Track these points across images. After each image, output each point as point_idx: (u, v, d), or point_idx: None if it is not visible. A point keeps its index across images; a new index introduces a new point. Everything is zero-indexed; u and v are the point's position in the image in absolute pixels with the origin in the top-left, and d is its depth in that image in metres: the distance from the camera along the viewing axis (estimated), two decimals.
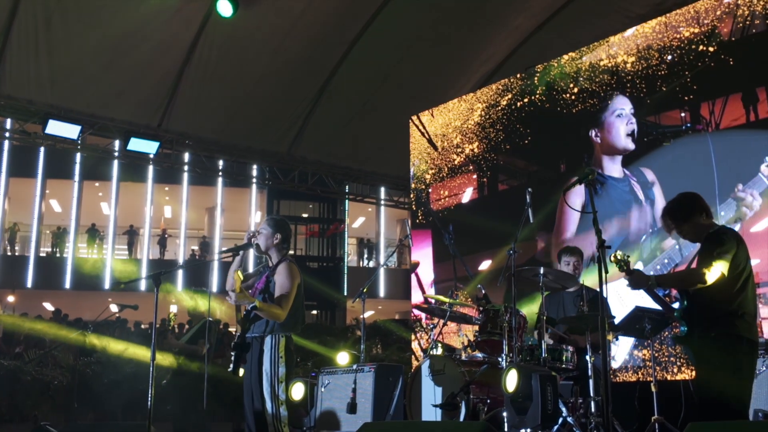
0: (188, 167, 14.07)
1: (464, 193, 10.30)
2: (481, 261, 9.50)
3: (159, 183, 24.00)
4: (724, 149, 7.23)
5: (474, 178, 10.20)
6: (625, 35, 8.52)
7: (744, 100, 7.25)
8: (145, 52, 10.70)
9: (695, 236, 4.42)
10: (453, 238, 7.59)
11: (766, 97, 7.07)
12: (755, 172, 6.90)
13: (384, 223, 26.31)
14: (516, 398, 5.18)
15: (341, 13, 10.68)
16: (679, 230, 4.44)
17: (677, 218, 4.39)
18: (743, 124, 7.22)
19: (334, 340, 13.72)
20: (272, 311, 4.90)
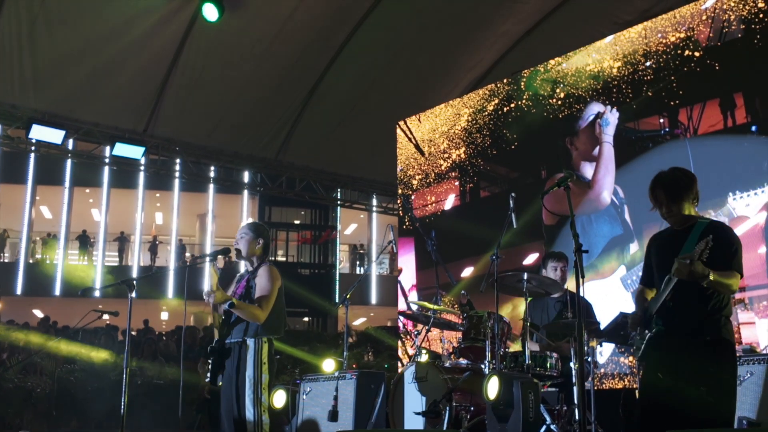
0: (178, 173, 13.99)
1: (446, 200, 10.27)
2: (463, 268, 9.46)
3: (150, 189, 23.92)
4: (703, 155, 7.22)
5: (456, 185, 10.16)
6: (611, 41, 8.49)
7: (722, 105, 7.25)
8: (130, 56, 10.64)
9: (679, 221, 3.92)
10: (436, 244, 7.55)
11: (743, 103, 7.08)
12: (734, 177, 6.90)
13: (376, 229, 26.27)
14: (497, 405, 5.12)
15: (328, 18, 10.64)
16: (668, 210, 3.90)
17: (673, 196, 3.88)
18: (720, 130, 7.22)
19: (325, 347, 13.65)
20: (251, 311, 4.82)
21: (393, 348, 14.02)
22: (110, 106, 11.39)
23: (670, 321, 3.78)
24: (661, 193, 3.90)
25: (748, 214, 6.77)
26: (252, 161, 13.27)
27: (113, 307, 8.85)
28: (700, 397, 3.56)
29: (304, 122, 12.49)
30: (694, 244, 3.71)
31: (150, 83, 11.17)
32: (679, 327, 3.76)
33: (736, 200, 6.84)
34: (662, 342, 3.78)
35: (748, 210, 6.76)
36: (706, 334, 3.72)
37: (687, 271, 3.57)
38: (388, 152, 11.67)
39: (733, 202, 6.85)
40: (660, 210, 3.93)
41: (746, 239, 6.65)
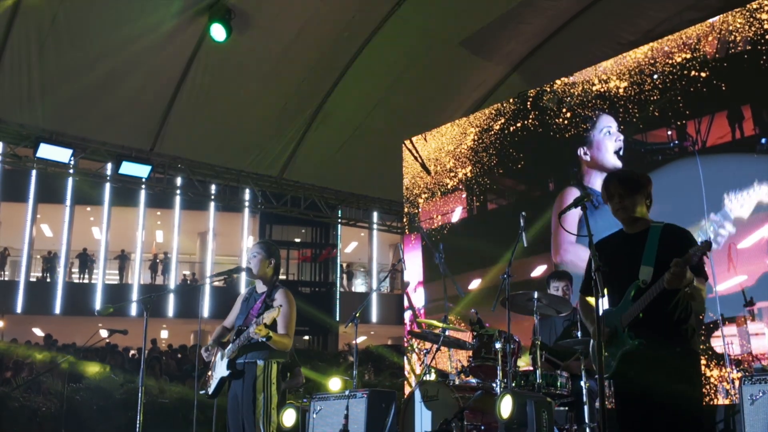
0: (180, 191, 14.01)
1: (453, 212, 10.31)
2: (471, 280, 9.48)
3: (151, 207, 23.96)
4: (712, 169, 7.26)
5: (463, 198, 10.21)
6: (617, 61, 8.57)
7: (729, 118, 7.31)
8: (138, 76, 10.69)
9: (629, 216, 3.74)
10: (443, 257, 7.57)
11: (751, 115, 7.13)
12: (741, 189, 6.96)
13: (376, 247, 26.28)
14: (511, 425, 5.11)
15: (334, 38, 10.72)
16: (620, 202, 3.71)
17: (629, 188, 3.71)
18: (729, 142, 7.27)
19: (326, 366, 13.64)
20: (283, 342, 4.95)
21: (394, 366, 14.01)
22: (117, 125, 11.42)
23: (643, 333, 3.58)
24: (615, 185, 3.74)
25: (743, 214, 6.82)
26: (257, 180, 13.30)
27: (115, 325, 8.84)
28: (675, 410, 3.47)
29: (310, 141, 12.54)
30: (655, 246, 3.58)
31: (157, 102, 11.22)
32: (650, 338, 3.56)
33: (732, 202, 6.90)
34: (636, 356, 3.58)
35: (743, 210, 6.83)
36: (676, 345, 3.57)
37: (683, 276, 3.38)
38: (393, 171, 11.72)
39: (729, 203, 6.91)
40: (611, 203, 3.76)
41: (753, 252, 6.71)
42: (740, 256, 6.81)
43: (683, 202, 7.03)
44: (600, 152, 8.39)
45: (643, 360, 3.55)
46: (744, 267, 6.75)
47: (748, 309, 6.58)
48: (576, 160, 8.62)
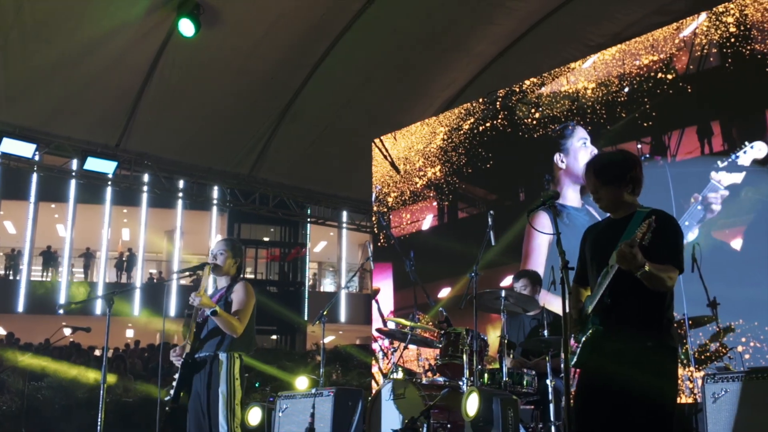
0: (147, 188, 13.85)
1: (424, 220, 10.31)
2: (441, 288, 9.49)
3: (117, 205, 23.64)
4: (682, 182, 7.35)
5: (434, 206, 10.22)
6: (585, 63, 8.65)
7: (699, 132, 7.40)
8: (104, 70, 10.53)
9: (609, 207, 3.62)
10: (414, 264, 7.57)
11: (720, 131, 7.22)
12: None
13: (346, 247, 26.22)
14: (477, 422, 5.12)
15: (304, 35, 10.66)
16: (596, 193, 3.61)
17: (602, 179, 3.56)
18: (698, 157, 7.36)
19: (294, 365, 13.56)
20: (231, 321, 4.84)
21: (362, 365, 13.98)
22: (83, 121, 11.25)
23: (608, 320, 3.40)
24: (590, 175, 3.61)
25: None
26: (226, 177, 13.19)
27: (79, 323, 8.69)
28: (641, 406, 3.27)
29: (279, 139, 12.47)
30: (633, 232, 3.35)
31: (124, 98, 11.06)
32: (617, 328, 3.37)
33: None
34: (600, 344, 3.40)
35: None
36: (647, 339, 3.35)
37: (630, 256, 3.19)
38: (363, 169, 11.71)
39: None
40: (592, 194, 3.66)
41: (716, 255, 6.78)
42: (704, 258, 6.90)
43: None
44: (576, 161, 8.45)
45: (608, 351, 3.37)
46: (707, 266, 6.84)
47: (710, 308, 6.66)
48: (549, 164, 8.66)
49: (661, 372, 3.34)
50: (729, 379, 5.05)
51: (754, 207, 6.84)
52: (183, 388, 4.87)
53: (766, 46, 6.95)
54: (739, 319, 6.66)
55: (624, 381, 3.28)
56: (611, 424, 3.35)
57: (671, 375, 3.41)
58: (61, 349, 13.70)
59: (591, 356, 3.44)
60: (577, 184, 8.28)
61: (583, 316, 3.54)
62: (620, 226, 3.50)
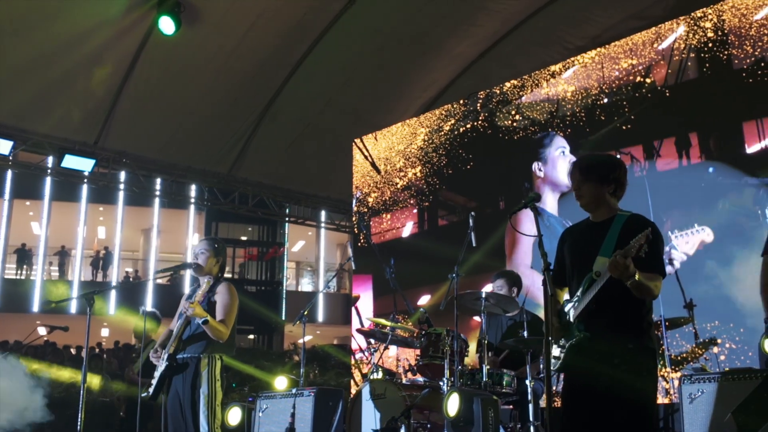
0: (124, 186, 13.75)
1: (404, 227, 10.34)
2: (420, 295, 9.51)
3: (93, 203, 23.39)
4: (660, 193, 7.43)
5: (414, 213, 10.26)
6: (566, 65, 8.72)
7: (677, 144, 7.49)
8: (83, 67, 10.44)
9: (590, 205, 3.62)
10: (394, 272, 7.60)
11: (698, 142, 7.31)
12: (688, 217, 7.13)
13: (324, 246, 26.18)
14: (457, 423, 5.15)
15: (285, 35, 10.64)
16: (577, 189, 3.62)
17: (584, 174, 3.58)
18: (676, 168, 7.46)
19: (271, 365, 13.51)
20: (219, 328, 4.87)
21: (340, 365, 13.97)
22: (61, 117, 11.14)
23: (592, 325, 3.45)
24: (575, 170, 3.63)
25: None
26: (205, 176, 13.13)
27: (54, 322, 8.62)
28: (623, 406, 3.32)
29: (259, 138, 12.44)
30: (616, 237, 3.41)
31: (102, 95, 10.97)
32: (601, 332, 3.41)
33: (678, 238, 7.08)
34: (585, 348, 3.45)
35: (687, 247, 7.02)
36: (628, 342, 3.40)
37: (623, 267, 3.20)
38: (342, 169, 11.70)
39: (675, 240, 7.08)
40: (575, 192, 3.66)
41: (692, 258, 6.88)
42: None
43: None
44: (555, 170, 8.50)
45: (593, 354, 3.41)
46: (684, 268, 6.94)
47: (687, 310, 6.75)
48: (527, 170, 8.72)
49: (642, 373, 3.39)
50: (705, 380, 5.12)
51: (729, 211, 6.95)
52: (162, 386, 4.89)
53: (743, 51, 7.06)
54: (715, 320, 6.76)
55: (606, 381, 3.33)
56: (595, 423, 3.40)
57: (652, 376, 3.46)
58: (36, 348, 13.54)
59: (575, 359, 3.48)
60: (555, 193, 8.33)
61: (564, 321, 3.57)
62: (601, 230, 3.53)
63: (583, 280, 3.51)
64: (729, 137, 7.11)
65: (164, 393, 4.93)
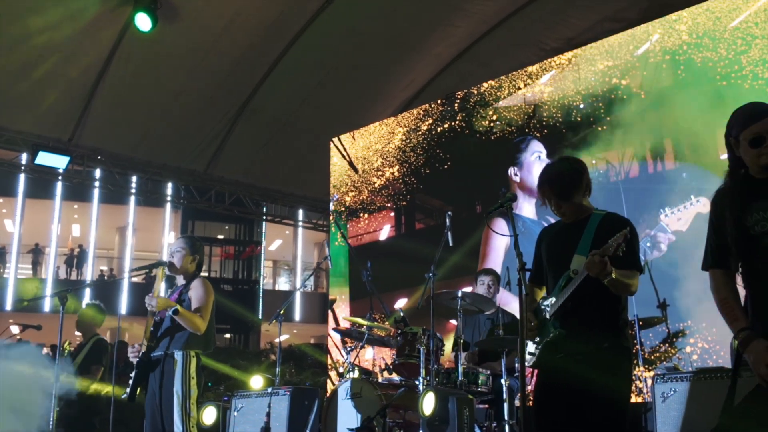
0: (99, 184, 13.63)
1: (381, 230, 10.34)
2: (397, 298, 9.51)
3: (67, 200, 23.17)
4: (634, 198, 7.49)
5: (392, 216, 10.27)
6: (543, 66, 8.77)
7: (652, 148, 7.56)
8: (58, 63, 10.33)
9: (573, 216, 3.62)
10: (371, 275, 7.59)
11: (672, 147, 7.39)
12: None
13: (301, 245, 26.13)
14: (432, 421, 5.16)
15: (263, 33, 10.60)
16: (557, 207, 3.61)
17: (563, 197, 3.57)
18: (651, 173, 7.52)
19: (247, 364, 13.45)
20: (194, 319, 4.79)
21: (317, 365, 13.95)
22: (35, 114, 11.02)
23: (568, 323, 3.48)
24: (547, 190, 3.59)
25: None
26: (181, 174, 13.04)
27: (27, 321, 8.53)
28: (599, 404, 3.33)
29: (236, 136, 12.38)
30: (592, 235, 3.46)
31: (78, 91, 10.86)
32: (577, 330, 3.44)
33: (668, 216, 7.13)
34: (560, 346, 3.48)
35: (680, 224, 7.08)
36: (604, 340, 3.41)
37: (602, 266, 3.24)
38: (320, 168, 11.69)
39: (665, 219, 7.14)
40: (549, 206, 3.64)
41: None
42: (655, 260, 7.07)
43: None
44: (530, 175, 8.52)
45: (568, 352, 3.44)
46: (657, 268, 7.00)
47: (660, 310, 6.82)
48: (503, 174, 8.76)
49: (618, 371, 3.42)
50: (678, 379, 5.16)
51: (701, 216, 7.03)
52: (138, 386, 4.82)
53: (717, 54, 7.14)
54: (688, 320, 6.83)
55: (581, 379, 3.34)
56: (569, 421, 3.41)
57: (626, 374, 3.49)
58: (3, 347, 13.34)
59: (550, 356, 3.51)
60: (532, 197, 8.34)
61: (540, 318, 3.60)
62: (577, 229, 3.57)
63: (560, 279, 3.54)
64: (703, 142, 7.19)
65: (143, 391, 4.86)
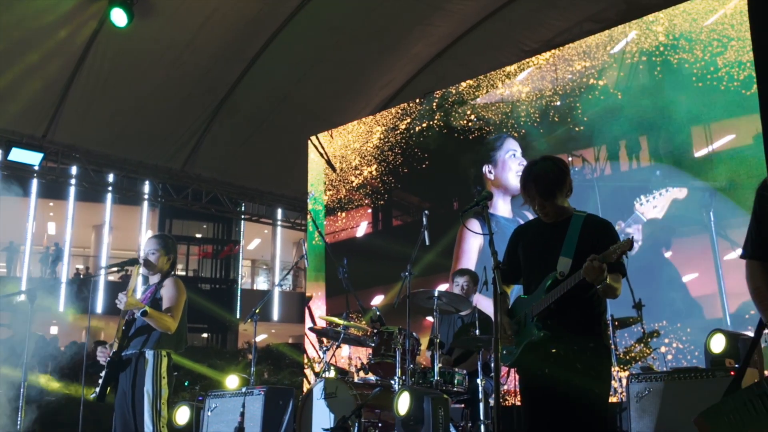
0: (75, 181, 13.48)
1: (358, 227, 10.31)
2: (373, 295, 9.50)
3: (43, 198, 22.90)
4: (609, 196, 7.53)
5: (369, 213, 10.24)
6: (521, 66, 8.78)
7: (627, 146, 7.59)
8: (32, 58, 10.18)
9: (555, 216, 3.62)
10: (347, 272, 7.56)
11: (647, 145, 7.42)
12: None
13: (280, 244, 26.01)
14: (407, 421, 5.14)
15: (241, 30, 10.53)
16: (541, 206, 3.59)
17: (546, 196, 3.56)
18: (626, 171, 7.56)
19: (224, 363, 13.38)
20: (164, 319, 4.79)
21: (295, 364, 13.90)
22: (7, 109, 10.85)
23: (551, 325, 3.49)
24: (532, 189, 3.58)
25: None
26: (157, 171, 12.93)
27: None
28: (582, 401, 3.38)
29: (213, 134, 12.29)
30: (576, 237, 3.48)
31: (52, 87, 10.73)
32: (560, 332, 3.47)
33: (643, 205, 7.17)
34: (543, 348, 3.50)
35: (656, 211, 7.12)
36: (589, 341, 3.47)
37: (600, 271, 3.24)
38: (298, 167, 11.63)
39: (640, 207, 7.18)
40: (532, 205, 3.64)
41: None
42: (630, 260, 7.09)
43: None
44: (504, 172, 8.55)
45: (553, 354, 3.47)
46: (633, 269, 7.03)
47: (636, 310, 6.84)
48: (481, 171, 8.75)
49: (602, 372, 3.49)
50: (652, 378, 5.20)
51: (674, 215, 7.07)
52: (109, 385, 4.77)
53: (693, 55, 7.18)
54: (663, 320, 6.87)
55: (567, 381, 3.38)
56: (557, 422, 3.44)
57: (609, 374, 3.57)
58: None
59: (529, 357, 3.54)
60: (507, 195, 8.36)
61: (517, 319, 3.61)
62: (560, 230, 3.57)
63: (542, 280, 3.54)
64: (678, 141, 7.23)
65: (113, 391, 4.82)
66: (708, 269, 6.85)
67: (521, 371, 3.69)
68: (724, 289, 6.70)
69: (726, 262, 6.70)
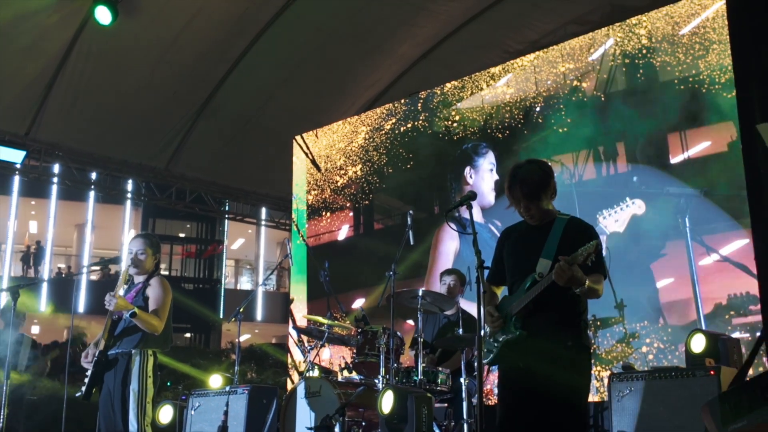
0: (58, 180, 13.40)
1: (340, 230, 10.33)
2: (355, 299, 9.50)
3: (25, 196, 22.73)
4: (587, 201, 7.57)
5: (350, 216, 10.25)
6: (505, 68, 8.83)
7: (605, 152, 7.65)
8: (13, 55, 10.11)
9: (539, 218, 3.67)
10: (328, 275, 7.58)
11: (624, 150, 7.48)
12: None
13: (264, 244, 25.96)
14: (391, 420, 5.16)
15: (227, 29, 10.51)
16: (526, 209, 3.64)
17: (531, 198, 3.61)
18: (603, 176, 7.63)
19: (208, 363, 13.34)
20: (151, 321, 4.83)
21: (278, 364, 13.88)
22: None
23: (530, 324, 3.55)
24: (517, 191, 3.62)
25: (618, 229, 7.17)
26: (141, 170, 12.87)
27: None
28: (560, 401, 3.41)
29: (198, 133, 12.25)
30: (557, 240, 3.54)
31: (35, 84, 10.66)
32: (540, 331, 3.52)
33: (606, 218, 7.23)
34: (522, 346, 3.55)
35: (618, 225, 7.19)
36: (567, 339, 3.51)
37: (569, 274, 3.32)
38: (283, 166, 11.62)
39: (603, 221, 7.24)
40: (517, 208, 3.68)
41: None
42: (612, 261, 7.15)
43: None
44: (482, 182, 8.60)
45: (533, 352, 3.50)
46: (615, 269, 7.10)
47: (618, 310, 6.90)
48: (461, 175, 8.80)
49: (581, 370, 3.55)
50: (633, 378, 5.24)
51: (651, 219, 7.13)
52: (95, 384, 4.83)
53: (675, 58, 7.25)
54: (644, 320, 6.93)
55: (545, 380, 3.42)
56: (536, 422, 3.47)
57: (588, 372, 3.63)
58: None
59: (510, 355, 3.60)
60: (482, 202, 8.42)
61: (503, 313, 3.66)
62: (542, 233, 3.64)
63: (524, 281, 3.61)
64: (655, 147, 7.30)
65: (98, 390, 4.86)
66: (684, 274, 6.91)
67: (500, 368, 3.74)
68: (699, 293, 6.77)
69: (701, 267, 6.78)
